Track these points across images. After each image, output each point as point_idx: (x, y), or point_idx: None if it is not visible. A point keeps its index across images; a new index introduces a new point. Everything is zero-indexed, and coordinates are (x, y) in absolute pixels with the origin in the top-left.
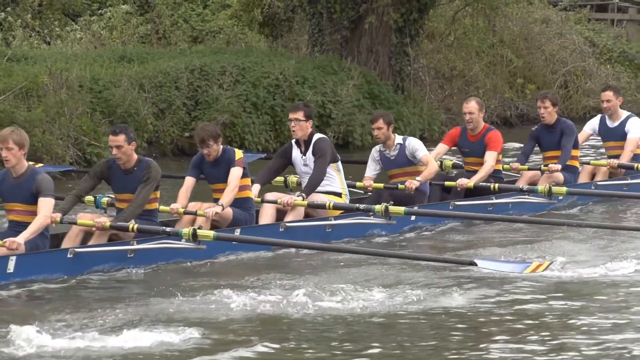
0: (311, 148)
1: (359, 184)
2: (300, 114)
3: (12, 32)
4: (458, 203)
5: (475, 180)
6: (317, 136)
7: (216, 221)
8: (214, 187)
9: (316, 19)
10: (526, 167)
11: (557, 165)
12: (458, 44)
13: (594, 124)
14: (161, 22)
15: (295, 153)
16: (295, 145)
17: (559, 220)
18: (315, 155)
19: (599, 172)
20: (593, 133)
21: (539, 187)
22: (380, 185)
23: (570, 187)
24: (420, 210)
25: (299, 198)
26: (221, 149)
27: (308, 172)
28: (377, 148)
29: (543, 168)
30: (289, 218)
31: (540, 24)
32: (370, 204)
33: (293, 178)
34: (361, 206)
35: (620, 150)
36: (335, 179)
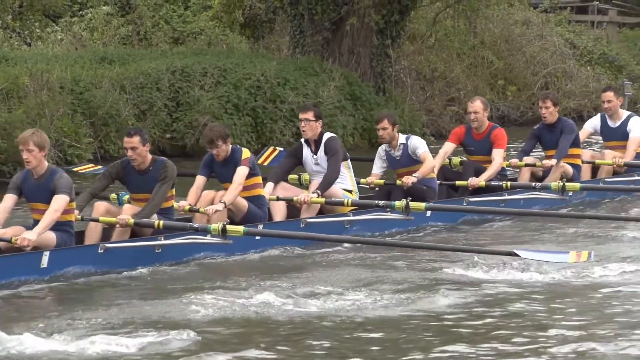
0: (323, 147)
1: (363, 180)
2: (310, 114)
3: None
4: (472, 199)
5: (485, 178)
6: (328, 135)
7: (230, 211)
8: (225, 187)
9: (297, 21)
10: (523, 164)
11: (552, 160)
12: (439, 46)
13: (594, 123)
14: (142, 24)
15: (306, 152)
16: (305, 144)
17: (576, 213)
18: (328, 154)
19: (602, 171)
20: (594, 132)
21: (552, 184)
22: (381, 181)
23: (583, 183)
24: (440, 206)
25: (314, 195)
26: (230, 148)
27: (319, 171)
28: (384, 147)
29: (538, 164)
30: (306, 214)
31: (521, 26)
32: (380, 199)
33: (306, 176)
34: (380, 202)
35: (622, 150)
36: (346, 176)
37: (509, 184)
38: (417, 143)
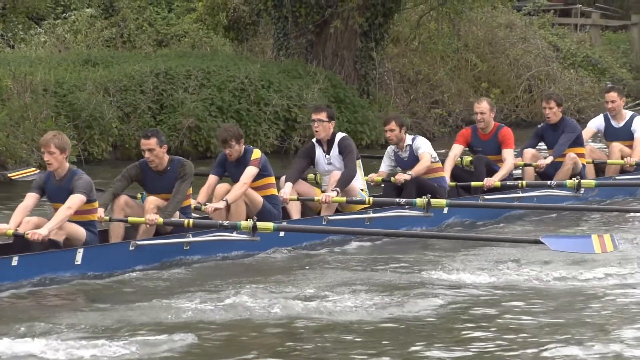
0: (336, 147)
1: (365, 177)
2: (323, 115)
3: None
4: (487, 197)
5: (499, 178)
6: (340, 135)
7: (247, 207)
8: None
9: (281, 23)
10: (522, 163)
11: (547, 159)
12: (423, 49)
13: (598, 122)
14: (126, 26)
15: (318, 152)
16: (317, 144)
17: (592, 206)
18: (342, 153)
19: (608, 170)
20: (597, 132)
21: (568, 182)
22: (379, 179)
23: (598, 180)
24: (461, 202)
25: (334, 193)
26: (243, 149)
27: (331, 170)
28: (392, 147)
29: (534, 164)
30: (325, 212)
31: (505, 29)
32: (385, 196)
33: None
34: (402, 200)
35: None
36: (358, 175)
37: (524, 182)
38: (420, 143)
